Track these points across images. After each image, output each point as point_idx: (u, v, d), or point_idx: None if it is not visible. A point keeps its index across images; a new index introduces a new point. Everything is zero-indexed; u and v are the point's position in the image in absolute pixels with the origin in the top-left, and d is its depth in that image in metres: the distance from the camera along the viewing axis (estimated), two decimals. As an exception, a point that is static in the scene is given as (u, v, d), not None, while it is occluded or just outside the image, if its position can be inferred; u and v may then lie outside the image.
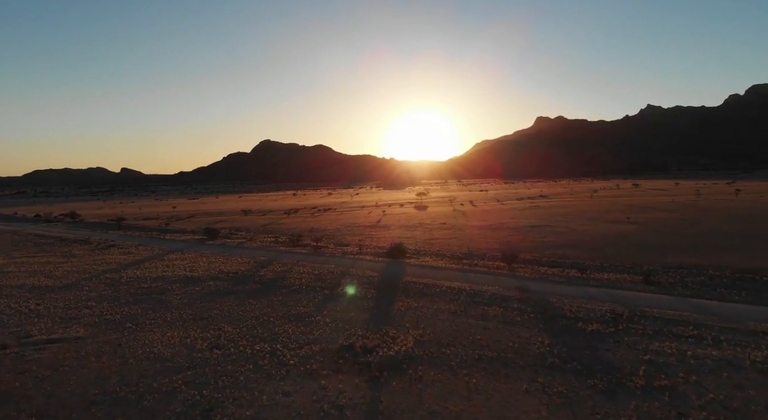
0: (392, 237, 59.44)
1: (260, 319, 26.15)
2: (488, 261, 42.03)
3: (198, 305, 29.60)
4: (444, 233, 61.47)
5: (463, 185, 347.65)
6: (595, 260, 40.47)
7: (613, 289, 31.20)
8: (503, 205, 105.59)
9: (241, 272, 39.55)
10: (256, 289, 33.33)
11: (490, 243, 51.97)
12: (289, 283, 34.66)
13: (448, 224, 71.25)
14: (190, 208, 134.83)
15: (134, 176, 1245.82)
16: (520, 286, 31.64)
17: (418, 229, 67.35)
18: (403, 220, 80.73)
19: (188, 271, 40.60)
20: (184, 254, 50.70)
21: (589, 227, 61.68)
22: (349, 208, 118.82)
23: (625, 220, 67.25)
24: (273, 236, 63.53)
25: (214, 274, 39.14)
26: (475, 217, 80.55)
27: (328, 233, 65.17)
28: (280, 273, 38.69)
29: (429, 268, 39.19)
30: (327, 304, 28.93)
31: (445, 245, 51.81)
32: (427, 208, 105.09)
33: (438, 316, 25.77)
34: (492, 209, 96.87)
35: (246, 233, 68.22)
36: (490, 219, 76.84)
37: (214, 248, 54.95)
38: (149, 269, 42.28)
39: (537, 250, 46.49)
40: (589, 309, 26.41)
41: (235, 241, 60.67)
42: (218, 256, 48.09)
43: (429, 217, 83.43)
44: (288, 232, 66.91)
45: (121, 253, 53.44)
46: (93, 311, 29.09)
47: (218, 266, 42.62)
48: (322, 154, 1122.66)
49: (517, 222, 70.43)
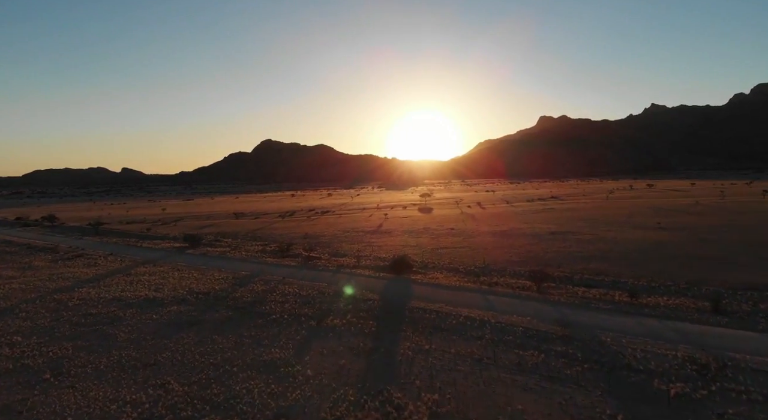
0: (395, 245, 53.05)
1: (221, 367, 19.76)
2: (510, 278, 35.48)
3: (149, 343, 23.23)
4: (453, 241, 54.97)
5: (467, 185, 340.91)
6: (638, 278, 33.92)
7: (677, 320, 24.68)
8: (514, 208, 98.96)
9: (215, 292, 33.13)
10: (227, 319, 26.92)
11: (508, 254, 45.46)
12: (269, 310, 28.23)
13: (456, 230, 64.74)
14: (181, 210, 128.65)
15: (135, 176, 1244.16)
16: (559, 317, 25.10)
17: (424, 235, 60.87)
18: (406, 224, 74.26)
19: (153, 291, 34.22)
20: (156, 267, 44.33)
21: (617, 234, 55.08)
22: (348, 210, 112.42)
23: (655, 226, 60.63)
24: (261, 244, 57.15)
25: (182, 294, 32.74)
26: (486, 221, 74.00)
27: (324, 240, 58.75)
28: (260, 294, 32.26)
29: (440, 288, 32.70)
30: (312, 343, 22.50)
31: (455, 256, 45.33)
32: (432, 211, 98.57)
33: (458, 366, 19.29)
34: (502, 212, 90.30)
35: (232, 240, 61.85)
36: (502, 223, 70.27)
37: (192, 259, 48.59)
38: (108, 287, 35.92)
39: (565, 263, 39.95)
40: (659, 355, 19.91)
41: (218, 249, 54.30)
42: (193, 270, 41.71)
43: (435, 221, 76.93)
44: (279, 239, 60.51)
45: (85, 264, 47.11)
46: (13, 351, 22.77)
47: (189, 283, 36.23)
48: (323, 153, 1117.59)
49: (533, 227, 63.87)
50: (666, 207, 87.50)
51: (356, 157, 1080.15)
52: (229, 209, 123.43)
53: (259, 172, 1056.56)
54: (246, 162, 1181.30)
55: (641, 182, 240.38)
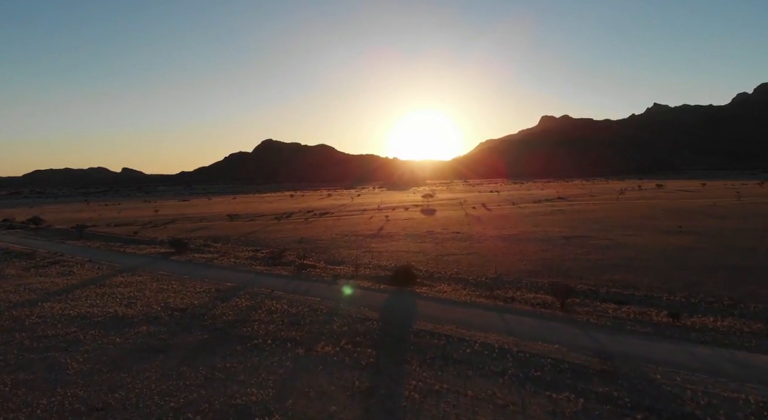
0: (397, 251, 49.24)
1: (182, 414, 15.94)
2: (527, 292, 31.63)
3: (103, 377, 19.47)
4: (460, 246, 51.11)
5: (469, 186, 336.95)
6: (673, 292, 30.07)
7: (733, 348, 20.86)
8: (521, 209, 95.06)
9: (193, 309, 29.34)
10: (201, 343, 23.13)
11: (521, 261, 41.61)
12: (251, 332, 24.43)
13: (462, 233, 60.88)
14: (174, 211, 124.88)
15: (135, 176, 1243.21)
16: (593, 345, 21.25)
17: (428, 239, 57.02)
18: (409, 227, 70.42)
19: (124, 306, 30.44)
20: (135, 276, 40.55)
21: (637, 239, 51.19)
22: (348, 211, 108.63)
23: (675, 230, 56.73)
24: (253, 250, 53.33)
25: (156, 311, 28.96)
26: (493, 224, 70.13)
27: (321, 245, 54.93)
28: (243, 311, 28.46)
29: (449, 304, 28.86)
30: (297, 379, 18.69)
31: (463, 264, 41.51)
32: (435, 213, 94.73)
33: (478, 416, 15.43)
34: (509, 214, 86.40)
35: (222, 245, 58.06)
36: (510, 227, 66.40)
37: (175, 267, 44.82)
38: (76, 302, 32.15)
39: (586, 273, 36.08)
40: (726, 399, 16.13)
41: (205, 256, 50.50)
42: (174, 281, 37.92)
43: (439, 224, 73.09)
44: (272, 244, 56.75)
45: (59, 273, 43.36)
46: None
47: (167, 297, 32.44)
48: (324, 153, 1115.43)
49: (545, 231, 59.98)
50: (682, 209, 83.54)
51: (357, 157, 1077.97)
52: (225, 210, 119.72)
53: (259, 172, 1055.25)
54: (246, 162, 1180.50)
55: (649, 182, 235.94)
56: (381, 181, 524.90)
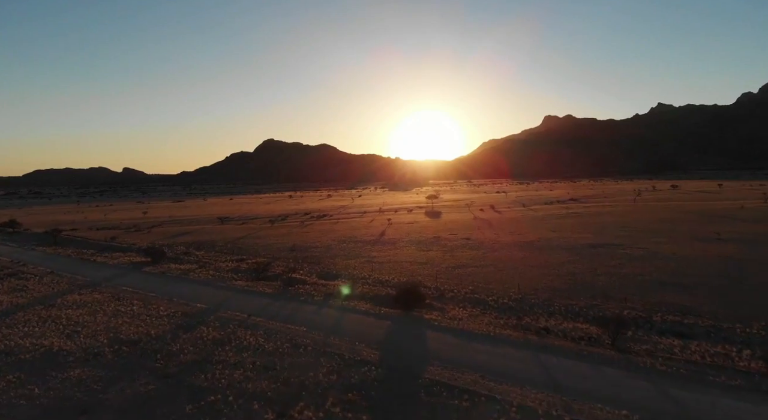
0: (401, 261, 43.48)
1: None
2: (564, 320, 25.78)
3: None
4: (472, 255, 45.29)
5: (473, 186, 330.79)
6: (746, 321, 24.16)
7: None
8: (533, 212, 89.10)
9: (146, 341, 23.65)
10: (141, 399, 17.45)
11: (547, 276, 35.78)
12: (210, 382, 18.71)
13: (473, 240, 55.03)
14: (164, 213, 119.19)
15: (136, 176, 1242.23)
16: (674, 409, 15.43)
17: (435, 247, 51.20)
18: (413, 232, 64.61)
19: (64, 337, 24.79)
20: (94, 293, 34.90)
21: (673, 248, 45.30)
22: (348, 214, 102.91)
23: (713, 237, 50.78)
24: (237, 259, 47.58)
25: (100, 345, 23.31)
26: (506, 229, 64.25)
27: (315, 254, 49.19)
28: (208, 346, 22.74)
29: (468, 338, 23.06)
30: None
31: (479, 278, 35.74)
32: (440, 215, 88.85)
33: None
34: (521, 217, 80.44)
35: (205, 253, 52.38)
36: (526, 232, 60.52)
37: (145, 280, 39.17)
38: (10, 329, 26.54)
39: (629, 292, 30.22)
40: None
41: (183, 266, 44.83)
42: (137, 300, 32.24)
43: (445, 228, 67.26)
44: (261, 252, 51.07)
45: (10, 288, 37.72)
46: None
47: (120, 324, 26.77)
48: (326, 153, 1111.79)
49: (565, 238, 54.10)
50: (708, 212, 77.48)
51: (359, 157, 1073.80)
52: (218, 212, 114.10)
53: (261, 172, 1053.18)
54: (248, 162, 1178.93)
55: (661, 183, 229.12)
56: (383, 182, 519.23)
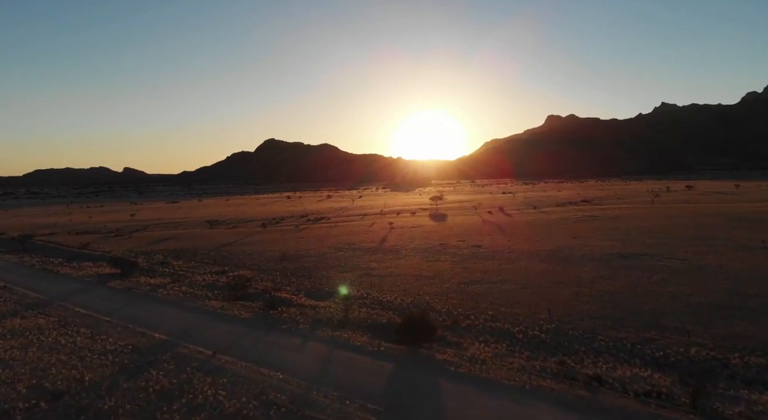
0: (404, 275, 37.87)
1: None
2: (618, 363, 20.02)
3: None
4: (486, 267, 39.64)
5: (477, 186, 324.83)
6: None
7: None
8: (545, 214, 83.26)
9: (75, 392, 18.15)
10: None
11: (580, 296, 30.11)
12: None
13: (485, 248, 49.34)
14: (152, 216, 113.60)
15: (137, 176, 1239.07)
16: None
17: (443, 256, 45.55)
18: (417, 238, 58.97)
19: (-30, 385, 19.18)
20: (39, 316, 29.40)
21: (718, 258, 39.54)
22: (347, 216, 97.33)
23: (759, 245, 44.98)
24: (217, 271, 42.01)
25: (17, 396, 18.02)
26: (520, 235, 58.53)
27: (306, 265, 43.61)
28: (151, 402, 17.21)
29: (497, 394, 17.43)
30: None
31: (498, 298, 30.12)
32: (446, 218, 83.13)
33: None
34: (534, 220, 74.61)
35: (184, 263, 46.83)
36: (543, 238, 54.79)
37: (107, 298, 33.67)
38: None
39: (687, 320, 24.51)
40: None
41: (155, 280, 39.32)
42: (85, 327, 26.75)
43: (453, 233, 61.63)
44: (246, 262, 45.51)
45: (-55, 308, 32.18)
46: None
47: (54, 362, 21.32)
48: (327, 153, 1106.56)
49: (589, 246, 48.36)
50: (737, 215, 71.57)
51: (361, 157, 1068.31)
52: (210, 214, 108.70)
53: (262, 172, 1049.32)
54: (249, 162, 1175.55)
55: (673, 183, 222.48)
56: (384, 182, 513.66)
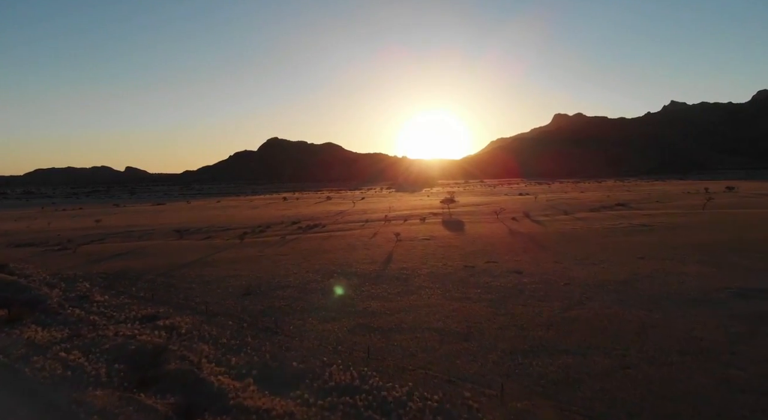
0: (418, 329, 24.73)
1: None
2: None
3: None
4: (543, 312, 26.39)
5: (488, 186, 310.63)
6: None
7: None
8: (583, 222, 69.40)
9: None
10: None
11: (746, 392, 16.82)
12: None
13: (529, 274, 35.90)
14: (123, 221, 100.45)
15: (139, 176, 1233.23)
16: None
17: (472, 289, 32.18)
18: (432, 256, 45.58)
19: None
20: None
21: None
22: (345, 223, 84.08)
23: None
24: (149, 314, 28.89)
25: None
26: (566, 253, 44.91)
27: (277, 304, 30.48)
28: None
29: None
30: None
31: (595, 390, 16.89)
32: (464, 227, 69.54)
33: None
34: (574, 231, 60.77)
35: (113, 297, 33.72)
36: (600, 258, 41.24)
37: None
38: None
39: None
40: None
41: (48, 332, 26.33)
42: None
43: (477, 249, 48.23)
44: (196, 297, 32.39)
45: None
46: None
47: None
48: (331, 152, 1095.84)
49: (670, 272, 34.92)
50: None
51: (365, 156, 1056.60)
52: (187, 221, 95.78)
53: (264, 171, 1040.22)
54: (251, 161, 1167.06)
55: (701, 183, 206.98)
56: (389, 182, 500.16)
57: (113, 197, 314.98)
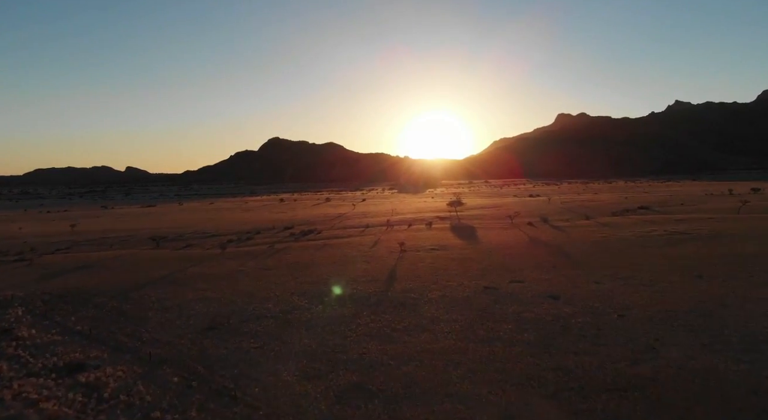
0: (433, 389, 17.60)
1: None
2: None
3: None
4: (617, 378, 19.30)
5: (494, 187, 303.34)
6: None
7: None
8: (610, 229, 61.94)
9: None
10: None
11: None
12: None
13: (567, 299, 28.87)
14: (99, 226, 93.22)
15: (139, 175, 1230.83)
16: None
17: (500, 325, 25.12)
18: (444, 271, 38.46)
19: None
20: None
21: None
22: (343, 228, 77.04)
23: None
24: (74, 361, 21.87)
25: None
26: (602, 268, 37.76)
27: (247, 343, 23.48)
28: None
29: None
30: None
31: None
32: (476, 234, 62.20)
33: None
34: (603, 240, 53.43)
35: (44, 330, 26.74)
36: (644, 278, 34.11)
37: None
38: None
39: None
40: None
41: None
42: None
43: (496, 262, 41.14)
44: (141, 336, 25.33)
45: None
46: None
47: None
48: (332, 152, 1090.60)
49: (745, 297, 27.80)
50: None
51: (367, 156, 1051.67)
52: (169, 226, 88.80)
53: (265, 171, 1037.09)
54: (252, 161, 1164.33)
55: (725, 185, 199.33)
56: (391, 182, 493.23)
57: (107, 198, 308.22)
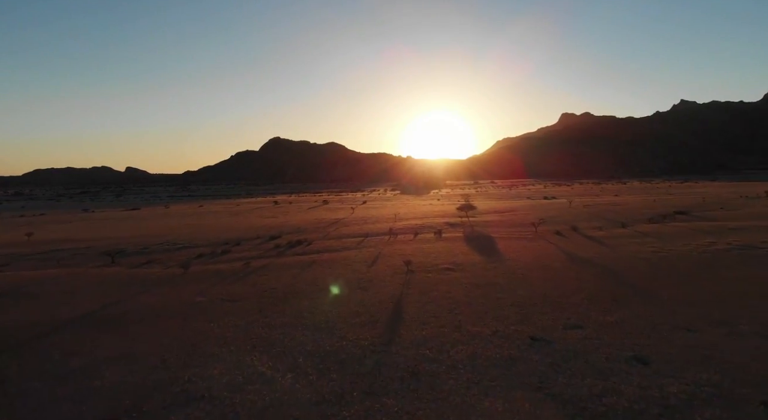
0: None
1: None
2: None
3: None
4: None
5: (502, 187, 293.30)
6: None
7: None
8: (655, 239, 51.59)
9: None
10: None
11: None
12: None
13: (683, 376, 18.95)
14: (60, 234, 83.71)
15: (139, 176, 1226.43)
16: None
17: None
18: (468, 312, 28.28)
19: None
20: None
21: None
22: (340, 238, 67.04)
23: None
24: None
25: None
26: (697, 307, 27.64)
27: None
28: None
29: None
30: None
31: None
32: (496, 247, 51.75)
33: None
34: (659, 255, 43.14)
35: None
36: (748, 321, 24.20)
37: None
38: None
39: None
40: None
41: None
42: None
43: (533, 292, 31.07)
44: None
45: None
46: None
47: None
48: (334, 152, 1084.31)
49: None
50: None
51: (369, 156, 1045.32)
52: (143, 233, 79.11)
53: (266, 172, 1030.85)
54: (253, 161, 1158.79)
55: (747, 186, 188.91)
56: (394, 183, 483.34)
57: (98, 200, 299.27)
